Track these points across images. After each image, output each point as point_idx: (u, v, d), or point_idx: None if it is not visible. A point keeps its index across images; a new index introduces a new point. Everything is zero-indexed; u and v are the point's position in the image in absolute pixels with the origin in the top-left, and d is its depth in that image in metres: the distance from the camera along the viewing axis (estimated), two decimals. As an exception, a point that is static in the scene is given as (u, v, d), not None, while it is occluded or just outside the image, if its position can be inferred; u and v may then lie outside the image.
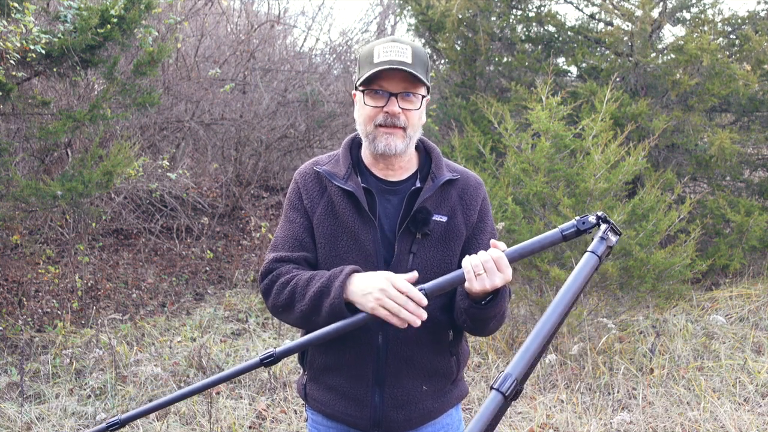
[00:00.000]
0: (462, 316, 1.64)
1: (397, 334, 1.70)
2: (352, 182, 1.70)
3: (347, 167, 1.73)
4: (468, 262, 1.49)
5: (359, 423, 1.75)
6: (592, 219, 1.49)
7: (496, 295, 1.55)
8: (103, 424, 1.60)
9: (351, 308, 1.57)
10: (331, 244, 1.72)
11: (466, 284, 1.50)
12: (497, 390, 1.19)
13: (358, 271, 1.59)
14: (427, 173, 1.74)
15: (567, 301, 1.33)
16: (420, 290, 1.51)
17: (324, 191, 1.74)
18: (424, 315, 1.50)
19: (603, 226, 1.47)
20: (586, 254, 1.42)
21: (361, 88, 1.67)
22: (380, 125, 1.65)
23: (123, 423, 1.60)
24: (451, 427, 1.85)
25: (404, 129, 1.66)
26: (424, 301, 1.51)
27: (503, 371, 1.22)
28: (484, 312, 1.58)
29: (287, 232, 1.75)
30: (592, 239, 1.46)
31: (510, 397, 1.19)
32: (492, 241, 1.53)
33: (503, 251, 1.51)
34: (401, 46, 1.64)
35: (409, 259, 1.69)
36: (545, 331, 1.28)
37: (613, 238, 1.44)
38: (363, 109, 1.68)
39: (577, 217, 1.51)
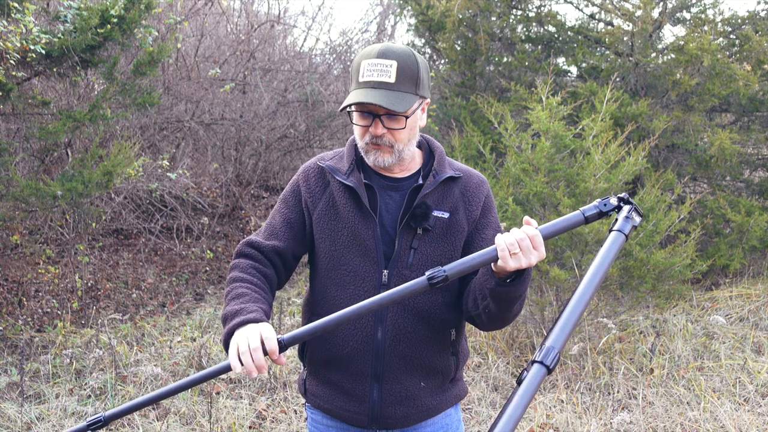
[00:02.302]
0: (484, 300, 1.59)
1: (396, 330, 1.70)
2: (354, 178, 1.71)
3: (350, 163, 1.74)
4: (502, 240, 1.46)
5: (357, 418, 1.76)
6: (613, 201, 1.50)
7: (522, 273, 1.52)
8: (84, 423, 1.58)
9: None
10: (332, 239, 1.73)
11: (500, 262, 1.47)
12: (541, 363, 1.20)
13: (251, 322, 1.56)
14: (429, 171, 1.75)
15: (598, 279, 1.36)
16: (440, 273, 1.47)
17: (327, 186, 1.76)
18: (263, 370, 1.50)
19: (626, 207, 1.48)
20: (613, 233, 1.44)
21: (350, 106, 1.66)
22: (368, 143, 1.68)
23: (106, 421, 1.58)
24: (451, 428, 1.85)
25: (391, 146, 1.67)
26: (273, 357, 1.51)
27: (544, 344, 1.23)
28: (512, 290, 1.54)
29: (270, 220, 1.81)
30: (615, 220, 1.48)
31: (552, 368, 1.21)
32: (526, 218, 1.51)
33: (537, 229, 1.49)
34: (386, 63, 1.61)
35: (410, 254, 1.70)
36: (581, 307, 1.31)
37: (637, 219, 1.46)
38: (354, 127, 1.71)
39: (599, 200, 1.51)
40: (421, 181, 1.73)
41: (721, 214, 5.89)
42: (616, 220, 1.47)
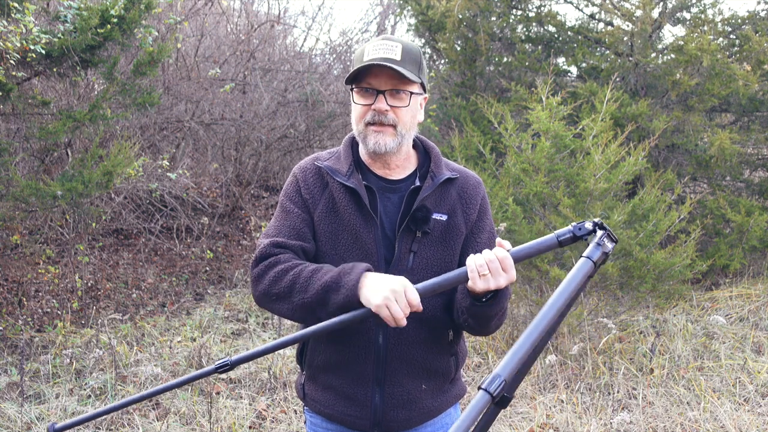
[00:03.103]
0: (463, 314, 1.63)
1: (397, 333, 1.69)
2: (354, 179, 1.69)
3: (349, 164, 1.72)
4: (473, 261, 1.48)
5: (359, 423, 1.75)
6: (588, 225, 1.49)
7: (497, 293, 1.55)
8: (212, 366, 1.52)
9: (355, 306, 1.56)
10: (332, 241, 1.71)
11: (470, 283, 1.49)
12: (485, 390, 1.19)
13: (370, 270, 1.58)
14: (426, 172, 1.74)
15: (560, 305, 1.33)
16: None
17: (325, 187, 1.73)
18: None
19: (599, 233, 1.46)
20: (582, 259, 1.42)
21: (351, 86, 1.67)
22: (369, 123, 1.65)
23: (233, 365, 1.53)
24: (450, 427, 1.85)
25: (394, 126, 1.65)
26: (419, 308, 1.52)
27: (492, 372, 1.22)
28: (486, 310, 1.58)
29: (284, 222, 1.71)
30: (588, 245, 1.46)
31: (497, 398, 1.18)
32: (498, 240, 1.52)
33: (508, 251, 1.51)
34: (391, 43, 1.64)
35: (410, 258, 1.69)
36: (536, 334, 1.27)
37: (609, 245, 1.44)
38: (354, 107, 1.68)
39: (574, 223, 1.51)
40: (418, 183, 1.72)
41: (721, 214, 5.89)
42: (588, 245, 1.46)
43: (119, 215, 6.50)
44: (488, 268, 1.47)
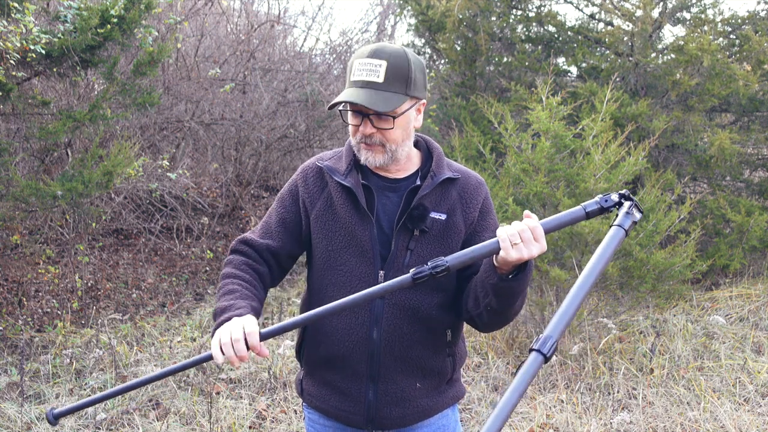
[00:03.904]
0: (486, 297, 1.58)
1: (392, 330, 1.70)
2: (352, 178, 1.71)
3: (348, 164, 1.73)
4: (504, 231, 1.47)
5: (353, 419, 1.76)
6: (614, 197, 1.51)
7: (524, 268, 1.53)
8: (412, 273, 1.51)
9: None
10: (328, 239, 1.73)
11: (502, 253, 1.46)
12: (538, 351, 1.22)
13: (240, 316, 1.59)
14: (427, 171, 1.75)
15: (599, 270, 1.38)
16: (441, 263, 1.48)
17: (325, 186, 1.76)
18: (245, 359, 1.54)
19: (627, 203, 1.50)
20: (614, 228, 1.46)
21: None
22: (359, 141, 1.68)
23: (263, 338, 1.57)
24: (447, 428, 1.85)
25: (383, 145, 1.66)
26: (256, 350, 1.53)
27: (542, 333, 1.25)
28: (514, 285, 1.54)
29: (266, 219, 1.83)
30: (616, 216, 1.50)
31: (549, 357, 1.22)
32: (526, 212, 1.51)
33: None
34: (376, 62, 1.60)
35: (406, 256, 1.69)
36: (581, 297, 1.33)
37: (637, 215, 1.48)
38: (348, 125, 1.70)
39: (600, 195, 1.52)
40: (418, 182, 1.73)
41: (721, 214, 5.89)
42: (617, 215, 1.49)
43: (119, 215, 6.50)
44: (520, 237, 1.45)
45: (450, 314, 1.74)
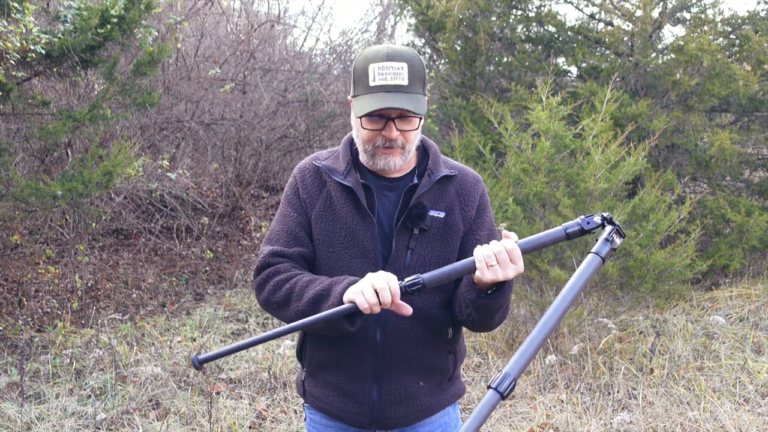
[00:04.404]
0: (467, 309, 1.62)
1: (395, 331, 1.70)
2: (351, 178, 1.70)
3: (347, 163, 1.73)
4: (480, 251, 1.48)
5: (357, 419, 1.76)
6: (597, 219, 1.49)
7: (503, 285, 1.55)
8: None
9: (349, 318, 1.58)
10: (329, 240, 1.72)
11: (477, 274, 1.49)
12: (495, 389, 1.20)
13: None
14: (424, 170, 1.75)
15: (568, 303, 1.34)
16: (417, 280, 1.51)
17: (323, 186, 1.75)
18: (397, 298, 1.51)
19: (608, 228, 1.46)
20: (590, 255, 1.42)
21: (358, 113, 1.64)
22: (378, 146, 1.66)
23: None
24: (449, 426, 1.85)
25: (403, 147, 1.66)
26: (396, 299, 1.52)
27: (501, 371, 1.22)
28: (491, 302, 1.57)
29: (282, 226, 1.76)
30: (596, 240, 1.45)
31: (506, 396, 1.20)
32: (504, 231, 1.52)
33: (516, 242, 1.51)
34: (397, 66, 1.60)
35: (407, 255, 1.69)
36: (544, 333, 1.29)
37: (618, 240, 1.44)
38: (360, 131, 1.67)
39: (582, 217, 1.51)
40: (416, 181, 1.73)
41: (721, 214, 5.88)
42: (596, 240, 1.46)
43: (119, 215, 6.50)
44: (496, 259, 1.47)
45: (450, 312, 1.75)
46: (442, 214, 1.72)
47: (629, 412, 3.80)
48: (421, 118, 1.65)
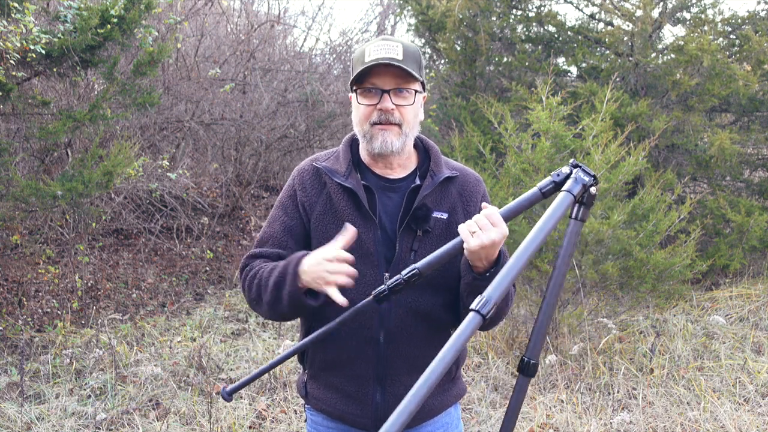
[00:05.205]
0: (470, 298, 1.61)
1: (398, 332, 1.70)
2: (352, 179, 1.69)
3: (347, 164, 1.72)
4: (463, 225, 1.51)
5: (360, 421, 1.76)
6: (565, 169, 1.50)
7: (498, 264, 1.56)
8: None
9: (312, 293, 1.58)
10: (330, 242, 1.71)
11: (465, 245, 1.50)
12: (477, 312, 1.21)
13: (305, 256, 1.59)
14: (426, 171, 1.74)
15: (540, 240, 1.36)
16: (413, 269, 1.51)
17: (323, 188, 1.73)
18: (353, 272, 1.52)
19: (575, 170, 1.48)
20: (561, 193, 1.44)
21: (354, 88, 1.68)
22: (375, 123, 1.66)
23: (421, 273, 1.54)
24: (450, 426, 1.85)
25: (399, 126, 1.66)
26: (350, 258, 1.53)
27: (483, 294, 1.24)
28: (489, 283, 1.56)
29: (268, 230, 1.78)
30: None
31: (488, 318, 1.21)
32: (483, 203, 1.54)
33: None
34: (391, 43, 1.65)
35: (411, 257, 1.68)
36: (521, 264, 1.31)
37: (586, 178, 1.45)
38: (357, 108, 1.68)
39: (553, 172, 1.52)
40: (418, 182, 1.72)
41: (721, 214, 5.89)
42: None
43: (119, 215, 6.50)
44: (478, 225, 1.48)
45: (452, 313, 1.75)
46: (445, 216, 1.71)
47: (629, 412, 3.80)
48: (416, 93, 1.66)
